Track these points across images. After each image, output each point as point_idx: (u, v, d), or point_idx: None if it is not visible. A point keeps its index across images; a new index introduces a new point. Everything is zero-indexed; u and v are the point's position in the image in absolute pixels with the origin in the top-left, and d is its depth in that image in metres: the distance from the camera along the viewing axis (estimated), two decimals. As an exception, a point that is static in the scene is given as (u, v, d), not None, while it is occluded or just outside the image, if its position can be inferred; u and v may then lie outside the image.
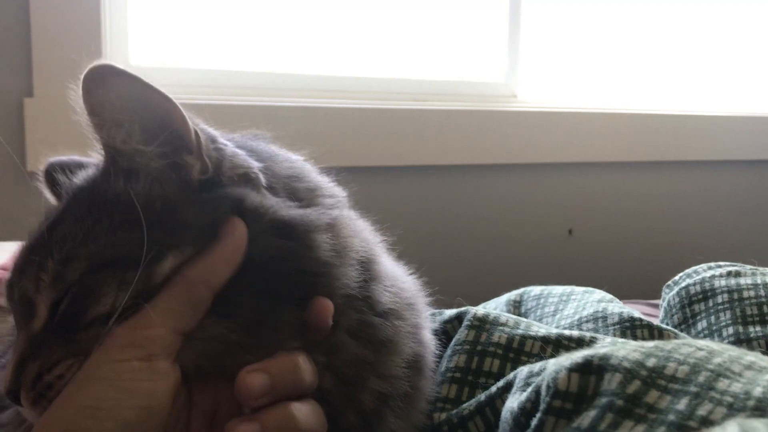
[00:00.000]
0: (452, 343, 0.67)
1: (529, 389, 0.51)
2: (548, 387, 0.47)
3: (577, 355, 0.47)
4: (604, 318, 0.78)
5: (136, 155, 0.53)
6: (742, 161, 1.98)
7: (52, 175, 0.65)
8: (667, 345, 0.47)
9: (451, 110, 1.70)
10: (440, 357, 0.66)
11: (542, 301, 0.90)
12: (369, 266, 0.57)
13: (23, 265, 0.53)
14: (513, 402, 0.53)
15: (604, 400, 0.44)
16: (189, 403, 0.51)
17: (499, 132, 1.72)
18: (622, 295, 0.99)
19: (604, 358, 0.46)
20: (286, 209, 0.54)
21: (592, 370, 0.46)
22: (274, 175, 0.56)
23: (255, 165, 0.55)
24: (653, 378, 0.44)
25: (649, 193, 1.91)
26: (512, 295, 0.93)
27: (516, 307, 0.90)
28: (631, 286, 1.61)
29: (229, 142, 0.56)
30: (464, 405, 0.60)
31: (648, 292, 1.40)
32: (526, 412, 0.50)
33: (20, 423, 0.56)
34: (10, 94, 1.39)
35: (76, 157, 0.64)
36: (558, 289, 0.91)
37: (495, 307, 0.93)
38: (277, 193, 0.55)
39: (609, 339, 0.65)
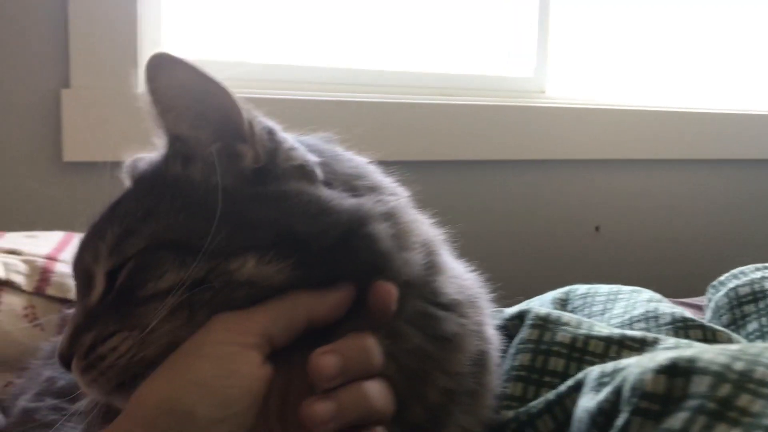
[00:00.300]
0: (516, 341, 0.68)
1: (607, 389, 0.52)
2: (634, 388, 0.47)
3: (662, 357, 0.48)
4: (656, 318, 0.78)
5: (192, 141, 0.55)
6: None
7: (132, 168, 0.67)
8: (751, 349, 0.47)
9: (479, 105, 1.70)
10: (503, 353, 0.66)
11: (589, 300, 0.90)
12: (431, 257, 0.57)
13: (86, 239, 0.56)
14: (589, 402, 0.53)
15: (694, 402, 0.44)
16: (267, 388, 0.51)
17: (526, 128, 1.72)
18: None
19: (691, 361, 0.46)
20: (341, 199, 0.55)
21: (678, 373, 0.46)
22: (333, 171, 0.57)
23: (312, 159, 0.57)
24: (743, 382, 0.44)
25: (677, 191, 1.91)
26: (557, 293, 0.94)
27: (562, 305, 0.91)
28: (658, 283, 1.61)
29: (289, 137, 0.58)
30: (533, 403, 0.61)
31: (675, 289, 1.40)
32: (604, 412, 0.51)
33: (100, 409, 0.58)
34: (47, 85, 1.39)
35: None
36: (604, 288, 0.92)
37: (540, 305, 0.94)
38: (337, 187, 0.56)
39: (672, 340, 0.65)
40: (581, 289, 0.93)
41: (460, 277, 0.62)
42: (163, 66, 0.54)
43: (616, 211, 1.85)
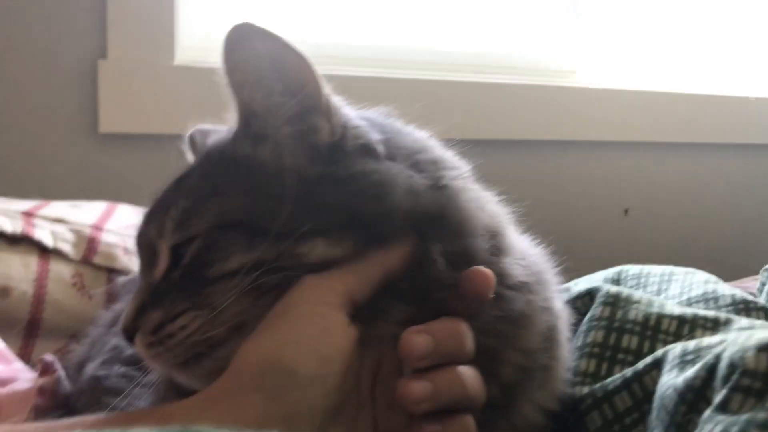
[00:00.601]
0: (587, 318, 0.68)
1: (697, 367, 0.52)
2: (732, 365, 0.47)
3: (762, 336, 0.48)
4: (716, 299, 0.78)
5: (267, 116, 0.54)
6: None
7: (192, 140, 0.66)
8: None
9: (509, 84, 1.68)
10: (574, 330, 0.66)
11: (643, 280, 0.90)
12: (497, 239, 0.57)
13: (151, 213, 0.57)
14: (675, 379, 0.53)
15: (800, 380, 0.44)
16: (358, 362, 0.52)
17: (556, 108, 1.71)
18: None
19: (794, 339, 0.46)
20: (408, 179, 0.54)
21: (780, 351, 0.46)
22: (395, 146, 0.57)
23: (375, 137, 0.56)
24: None
25: (708, 175, 1.90)
26: (609, 273, 0.94)
27: (615, 285, 0.91)
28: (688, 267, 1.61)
29: (353, 114, 0.57)
30: (608, 380, 0.61)
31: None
32: (694, 389, 0.51)
33: (169, 380, 0.58)
34: (84, 56, 1.38)
35: (218, 126, 0.66)
36: (657, 269, 0.92)
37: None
38: (400, 162, 0.56)
39: (744, 320, 0.65)
40: (633, 269, 0.93)
41: (527, 254, 0.61)
42: (245, 37, 0.53)
43: (645, 195, 1.84)
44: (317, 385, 0.47)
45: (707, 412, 0.47)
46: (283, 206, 0.51)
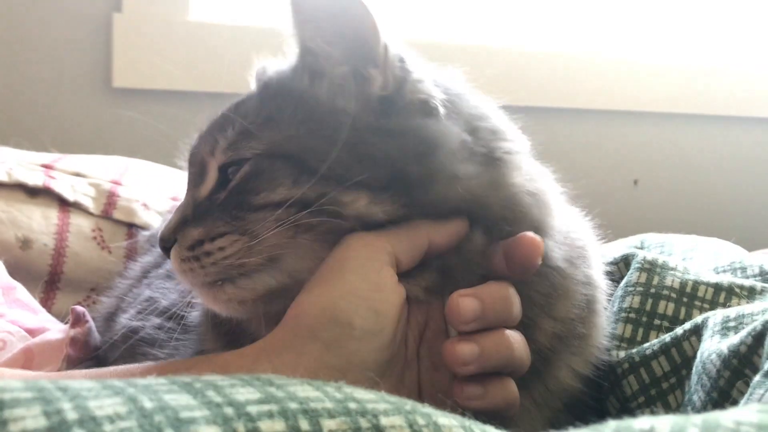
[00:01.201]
0: (623, 284, 0.68)
1: (742, 334, 0.52)
2: (784, 332, 0.47)
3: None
4: (743, 269, 0.78)
5: (324, 57, 0.55)
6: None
7: (261, 75, 0.66)
8: None
9: (515, 51, 1.67)
10: (610, 296, 0.66)
11: (666, 248, 0.90)
12: (541, 220, 0.56)
13: (206, 131, 0.58)
14: (719, 345, 0.54)
15: None
16: (406, 319, 0.52)
17: (566, 76, 1.70)
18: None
19: None
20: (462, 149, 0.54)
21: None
22: (456, 110, 0.56)
23: (438, 95, 0.55)
24: None
25: (718, 146, 1.89)
26: (631, 240, 0.94)
27: (638, 253, 0.91)
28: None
29: (418, 68, 0.56)
30: (646, 345, 0.61)
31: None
32: (739, 354, 0.51)
33: (211, 322, 0.58)
34: (98, 9, 1.37)
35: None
36: (680, 238, 0.92)
37: (612, 252, 0.94)
38: (458, 125, 0.55)
39: (781, 290, 0.65)
40: (656, 238, 0.93)
41: (570, 230, 0.61)
42: None
43: (655, 165, 1.84)
44: (371, 339, 0.47)
45: (757, 377, 0.48)
46: (333, 149, 0.51)
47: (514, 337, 0.52)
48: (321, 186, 0.50)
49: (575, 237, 0.61)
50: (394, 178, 0.51)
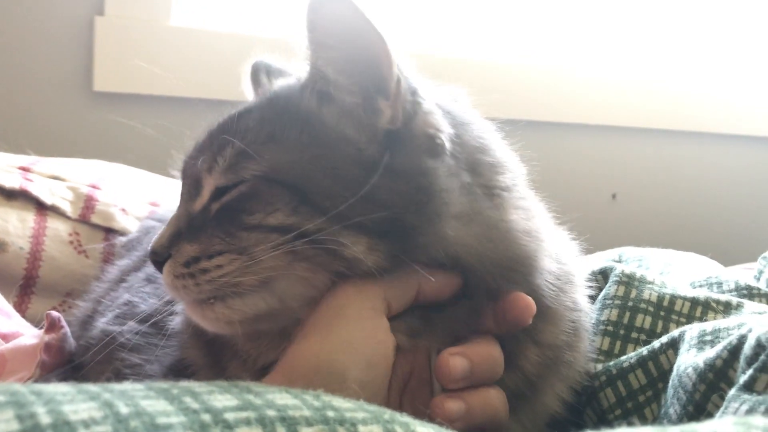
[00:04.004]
0: (601, 296, 0.68)
1: (718, 348, 0.53)
2: (760, 346, 0.48)
3: (789, 318, 0.48)
4: (719, 284, 0.79)
5: (335, 83, 0.53)
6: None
7: (256, 74, 0.66)
8: None
9: (495, 63, 1.67)
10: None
11: (644, 262, 0.91)
12: (532, 265, 0.55)
13: (203, 144, 0.56)
14: (695, 359, 0.54)
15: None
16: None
17: (545, 89, 1.71)
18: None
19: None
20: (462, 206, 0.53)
21: (809, 333, 0.47)
22: (462, 144, 0.55)
23: (446, 130, 0.54)
24: None
25: (696, 162, 1.91)
26: (609, 254, 0.95)
27: (616, 266, 0.91)
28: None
29: (429, 97, 0.55)
30: (623, 358, 0.61)
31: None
32: (716, 368, 0.52)
33: (192, 331, 0.58)
34: (80, 12, 1.36)
35: (279, 64, 0.65)
36: (656, 252, 0.93)
37: (590, 265, 0.94)
38: (459, 164, 0.54)
39: (755, 305, 0.66)
40: (634, 251, 0.94)
41: (560, 257, 0.60)
42: (335, 0, 0.51)
43: (633, 180, 1.85)
44: (363, 389, 0.47)
45: (732, 391, 0.48)
46: (336, 184, 0.50)
47: (498, 397, 0.53)
48: (319, 219, 0.50)
49: (563, 263, 0.60)
50: (392, 224, 0.50)
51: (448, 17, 1.69)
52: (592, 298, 0.69)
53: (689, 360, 0.55)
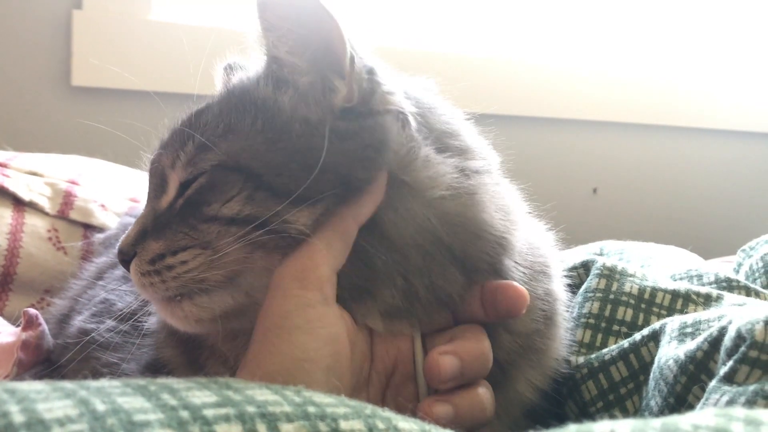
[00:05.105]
0: (583, 289, 0.68)
1: (699, 339, 0.53)
2: (739, 338, 0.48)
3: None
4: (699, 276, 0.79)
5: (289, 66, 0.54)
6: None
7: (228, 74, 0.65)
8: None
9: (475, 57, 1.67)
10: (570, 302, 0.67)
11: (626, 255, 0.91)
12: (503, 242, 0.55)
13: (168, 141, 0.56)
14: (676, 351, 0.54)
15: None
16: (370, 357, 0.52)
17: (525, 84, 1.71)
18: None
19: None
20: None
21: (788, 324, 0.47)
22: (428, 126, 0.55)
23: (407, 108, 0.55)
24: None
25: (676, 157, 1.92)
26: (591, 247, 0.95)
27: (597, 259, 0.92)
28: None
29: (390, 80, 0.55)
30: (605, 351, 0.61)
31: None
32: (696, 360, 0.52)
33: (168, 330, 0.58)
34: (58, 6, 1.34)
35: (245, 62, 0.65)
36: (637, 245, 0.93)
37: (572, 258, 0.94)
38: (425, 141, 0.54)
39: (734, 297, 0.66)
40: (615, 245, 0.94)
41: (534, 246, 0.60)
42: None
43: (614, 174, 1.86)
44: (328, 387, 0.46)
45: (713, 383, 0.48)
46: (291, 164, 0.50)
47: (486, 394, 0.52)
48: (277, 205, 0.49)
49: (538, 252, 0.60)
50: (340, 181, 0.50)
51: (427, 11, 1.69)
52: (574, 287, 0.69)
53: (670, 352, 0.55)
